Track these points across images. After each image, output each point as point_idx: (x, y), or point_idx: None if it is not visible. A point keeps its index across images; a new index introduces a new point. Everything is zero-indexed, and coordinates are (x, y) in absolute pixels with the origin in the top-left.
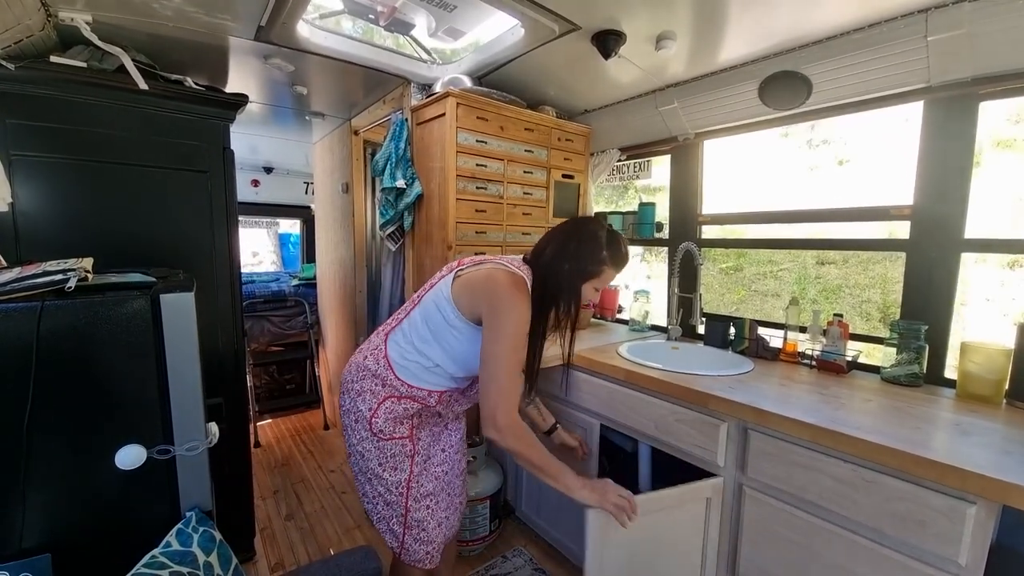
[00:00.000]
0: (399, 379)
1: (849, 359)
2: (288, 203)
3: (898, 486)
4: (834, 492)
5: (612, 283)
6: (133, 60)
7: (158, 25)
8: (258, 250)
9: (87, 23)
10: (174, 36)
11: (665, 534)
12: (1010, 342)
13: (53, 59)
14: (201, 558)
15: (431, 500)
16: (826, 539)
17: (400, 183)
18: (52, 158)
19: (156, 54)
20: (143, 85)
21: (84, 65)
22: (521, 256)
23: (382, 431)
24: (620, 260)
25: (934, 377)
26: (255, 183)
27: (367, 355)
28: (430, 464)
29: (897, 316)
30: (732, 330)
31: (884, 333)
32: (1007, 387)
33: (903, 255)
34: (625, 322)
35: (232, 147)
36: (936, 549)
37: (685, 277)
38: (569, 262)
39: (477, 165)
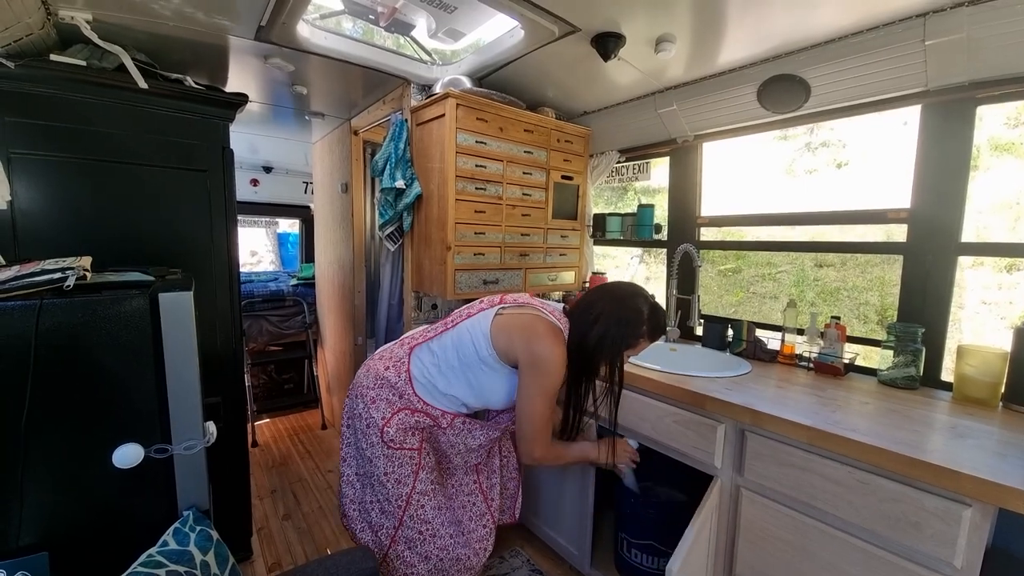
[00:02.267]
0: (417, 395)
1: (846, 361)
2: (287, 203)
3: (893, 488)
4: (830, 494)
5: None
6: (133, 59)
7: (158, 24)
8: (257, 249)
9: (87, 22)
10: (174, 35)
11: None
12: (1007, 345)
13: (53, 57)
14: (198, 557)
15: (425, 528)
16: (822, 540)
17: (399, 183)
18: (51, 156)
19: (156, 53)
20: (143, 84)
21: (84, 64)
22: (562, 306)
23: (392, 440)
24: (658, 334)
25: (931, 380)
26: (254, 182)
27: (389, 366)
28: (437, 492)
29: (894, 319)
30: (730, 332)
31: (881, 336)
32: (1003, 390)
33: (900, 258)
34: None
35: (231, 146)
36: (931, 551)
37: (684, 279)
38: (611, 331)
39: (476, 166)
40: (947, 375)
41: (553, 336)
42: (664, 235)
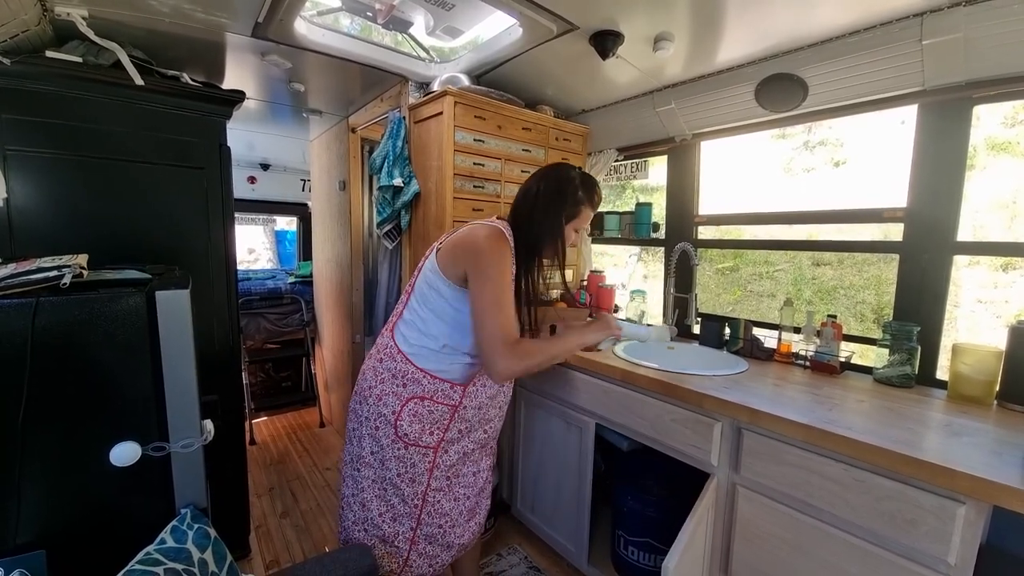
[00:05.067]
0: (418, 368)
1: (842, 360)
2: (285, 200)
3: (888, 485)
4: (826, 491)
5: (605, 276)
6: (129, 56)
7: (155, 21)
8: (254, 247)
9: (83, 18)
10: (171, 32)
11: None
12: (1002, 344)
13: (49, 54)
14: (196, 555)
15: (445, 520)
16: (817, 538)
17: (397, 181)
18: (47, 153)
19: (153, 50)
20: (139, 81)
21: (80, 60)
22: (496, 215)
23: (407, 434)
24: (595, 197)
25: (926, 378)
26: (252, 180)
27: (381, 357)
28: (453, 485)
29: (890, 317)
30: (727, 330)
31: (878, 334)
32: (998, 388)
33: (897, 257)
34: (621, 321)
35: (229, 144)
36: (926, 548)
37: (681, 277)
38: (548, 207)
39: (475, 164)
40: (942, 373)
41: (490, 234)
42: (662, 233)
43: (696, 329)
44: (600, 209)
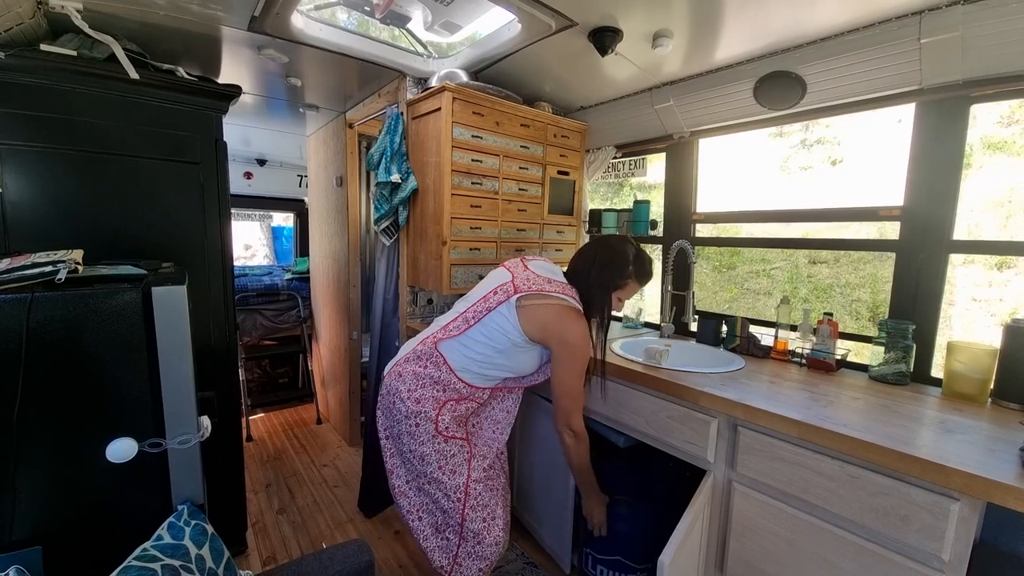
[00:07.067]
0: (463, 382)
1: (838, 357)
2: (281, 196)
3: (883, 482)
4: (820, 488)
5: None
6: (124, 49)
7: (150, 13)
8: (251, 243)
9: (78, 11)
10: (166, 25)
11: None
12: (996, 342)
13: (43, 47)
14: (193, 551)
15: (487, 513)
16: (812, 534)
17: (395, 177)
18: (42, 148)
19: (147, 43)
20: (134, 74)
21: (74, 54)
22: (562, 271)
23: (447, 428)
24: (644, 275)
25: (921, 376)
26: (248, 175)
27: (426, 364)
28: (491, 479)
29: (886, 315)
30: (724, 328)
31: (873, 332)
32: (992, 386)
33: (893, 255)
34: (618, 319)
35: (225, 139)
36: (920, 544)
37: (678, 275)
38: (600, 276)
39: (472, 160)
40: (937, 371)
41: (577, 319)
42: (660, 231)
43: (693, 327)
44: (598, 206)
